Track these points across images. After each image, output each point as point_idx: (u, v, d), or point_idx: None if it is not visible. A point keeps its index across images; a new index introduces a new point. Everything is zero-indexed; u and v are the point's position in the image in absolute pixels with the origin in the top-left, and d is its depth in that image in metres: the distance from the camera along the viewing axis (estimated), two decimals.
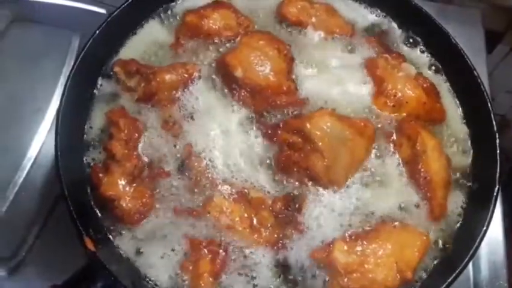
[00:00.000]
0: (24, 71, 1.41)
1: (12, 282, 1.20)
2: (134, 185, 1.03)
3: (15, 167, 1.30)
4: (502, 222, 1.39)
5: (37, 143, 1.33)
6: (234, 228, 1.01)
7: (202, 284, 0.96)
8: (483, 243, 1.30)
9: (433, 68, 1.25)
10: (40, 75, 1.41)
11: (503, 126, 2.28)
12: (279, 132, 1.07)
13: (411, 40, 1.27)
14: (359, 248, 0.98)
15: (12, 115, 1.36)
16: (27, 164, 1.31)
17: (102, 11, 1.49)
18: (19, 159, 1.31)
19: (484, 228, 1.01)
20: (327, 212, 1.04)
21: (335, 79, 1.17)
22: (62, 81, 1.40)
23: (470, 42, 1.33)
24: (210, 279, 0.97)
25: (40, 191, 1.28)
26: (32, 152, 1.32)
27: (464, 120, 1.19)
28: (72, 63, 1.11)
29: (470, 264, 1.31)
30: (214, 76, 1.15)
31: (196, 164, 1.06)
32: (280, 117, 1.11)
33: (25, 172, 1.30)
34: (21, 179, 1.29)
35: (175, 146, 1.08)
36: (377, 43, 1.23)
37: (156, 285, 0.98)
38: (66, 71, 1.41)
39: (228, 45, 1.18)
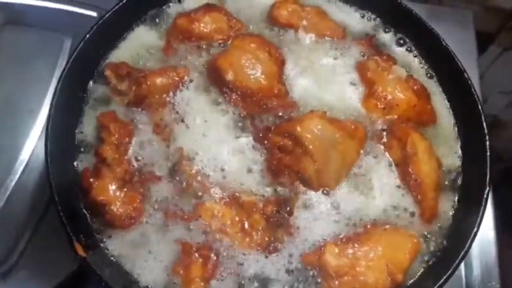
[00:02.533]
0: (17, 74, 1.41)
1: (4, 286, 1.19)
2: (125, 189, 1.03)
3: (7, 170, 1.29)
4: (494, 223, 1.40)
5: (29, 146, 1.33)
6: (226, 232, 1.01)
7: None
8: (475, 245, 1.31)
9: (424, 70, 1.25)
10: (32, 78, 1.41)
11: (495, 126, 2.30)
12: (270, 135, 1.07)
13: (401, 42, 1.27)
14: (350, 251, 0.98)
15: (4, 118, 1.36)
16: (19, 167, 1.30)
17: (93, 14, 1.49)
18: (11, 162, 1.30)
19: (475, 229, 1.01)
20: (318, 214, 1.05)
21: (325, 81, 1.17)
22: (54, 83, 1.39)
23: (461, 44, 1.33)
24: (201, 283, 0.97)
25: (32, 195, 1.28)
26: (24, 156, 1.31)
27: (455, 122, 1.20)
28: (63, 66, 1.10)
29: (463, 266, 1.33)
30: (205, 79, 1.14)
31: (187, 168, 1.06)
32: (272, 120, 1.11)
33: (17, 176, 1.29)
34: (13, 183, 1.28)
35: (166, 150, 1.08)
36: (367, 45, 1.23)
37: None
38: (57, 74, 1.40)
39: (219, 48, 1.18)
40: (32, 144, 1.33)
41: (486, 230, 1.38)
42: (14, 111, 1.37)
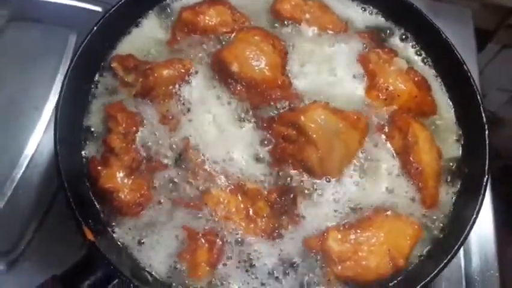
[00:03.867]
0: (22, 69, 1.43)
1: (11, 276, 1.21)
2: (133, 177, 1.04)
3: (13, 164, 1.31)
4: (493, 217, 1.41)
5: (34, 141, 1.35)
6: (231, 219, 1.03)
7: (200, 273, 0.98)
8: (474, 239, 1.34)
9: (424, 62, 1.27)
10: (37, 73, 1.42)
11: (494, 123, 2.31)
12: (274, 125, 1.09)
13: (403, 36, 1.29)
14: (352, 237, 1.00)
15: (9, 113, 1.38)
16: (24, 161, 1.32)
17: (98, 8, 1.51)
18: (16, 156, 1.32)
19: (474, 216, 1.03)
20: (321, 202, 1.06)
21: (328, 73, 1.19)
22: (59, 78, 1.42)
23: (460, 40, 1.34)
24: (207, 268, 0.99)
25: (37, 188, 1.30)
26: (29, 150, 1.33)
27: (455, 113, 1.22)
28: (69, 61, 1.12)
29: (462, 256, 1.34)
30: (210, 71, 1.16)
31: (193, 156, 1.07)
32: (276, 111, 1.12)
33: (22, 169, 1.31)
34: (18, 176, 1.30)
35: (172, 139, 1.09)
36: (369, 39, 1.25)
37: (154, 274, 1.00)
38: (63, 68, 1.43)
39: (223, 41, 1.20)
40: (37, 138, 1.35)
41: (485, 223, 1.39)
42: (19, 106, 1.38)
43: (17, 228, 1.24)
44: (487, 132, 1.11)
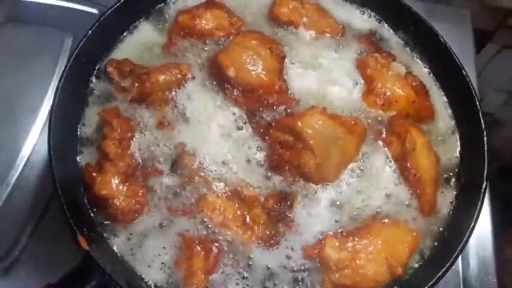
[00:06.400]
0: (17, 71, 1.41)
1: (6, 282, 1.20)
2: (128, 184, 1.03)
3: (8, 166, 1.30)
4: (491, 219, 1.41)
5: (30, 143, 1.33)
6: (227, 226, 1.02)
7: (195, 281, 0.97)
8: (472, 240, 1.33)
9: (422, 66, 1.26)
10: (33, 76, 1.41)
11: (492, 124, 2.31)
12: (271, 131, 1.08)
13: (401, 40, 1.29)
14: (350, 244, 1.00)
15: (4, 115, 1.36)
16: (20, 163, 1.31)
17: (94, 11, 1.49)
18: (12, 158, 1.31)
19: (472, 224, 1.02)
20: (318, 209, 1.06)
21: (326, 78, 1.19)
22: (54, 81, 1.40)
23: (459, 42, 1.35)
24: (203, 276, 0.98)
25: (33, 191, 1.28)
26: (25, 152, 1.32)
27: (453, 118, 1.21)
28: (64, 64, 1.11)
29: (460, 260, 1.34)
30: (206, 76, 1.15)
31: (189, 162, 1.06)
32: (272, 116, 1.12)
33: (18, 172, 1.30)
34: (14, 179, 1.29)
35: (168, 145, 1.08)
36: (367, 43, 1.24)
37: (150, 283, 0.99)
38: (58, 71, 1.41)
39: (220, 45, 1.19)
40: (33, 141, 1.34)
41: (483, 226, 1.39)
42: (15, 108, 1.37)
43: (12, 233, 1.23)
44: (485, 138, 1.10)
